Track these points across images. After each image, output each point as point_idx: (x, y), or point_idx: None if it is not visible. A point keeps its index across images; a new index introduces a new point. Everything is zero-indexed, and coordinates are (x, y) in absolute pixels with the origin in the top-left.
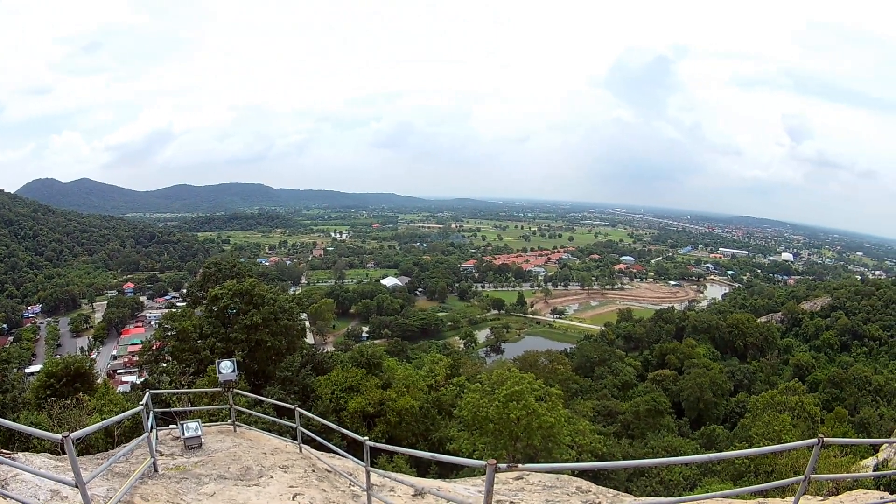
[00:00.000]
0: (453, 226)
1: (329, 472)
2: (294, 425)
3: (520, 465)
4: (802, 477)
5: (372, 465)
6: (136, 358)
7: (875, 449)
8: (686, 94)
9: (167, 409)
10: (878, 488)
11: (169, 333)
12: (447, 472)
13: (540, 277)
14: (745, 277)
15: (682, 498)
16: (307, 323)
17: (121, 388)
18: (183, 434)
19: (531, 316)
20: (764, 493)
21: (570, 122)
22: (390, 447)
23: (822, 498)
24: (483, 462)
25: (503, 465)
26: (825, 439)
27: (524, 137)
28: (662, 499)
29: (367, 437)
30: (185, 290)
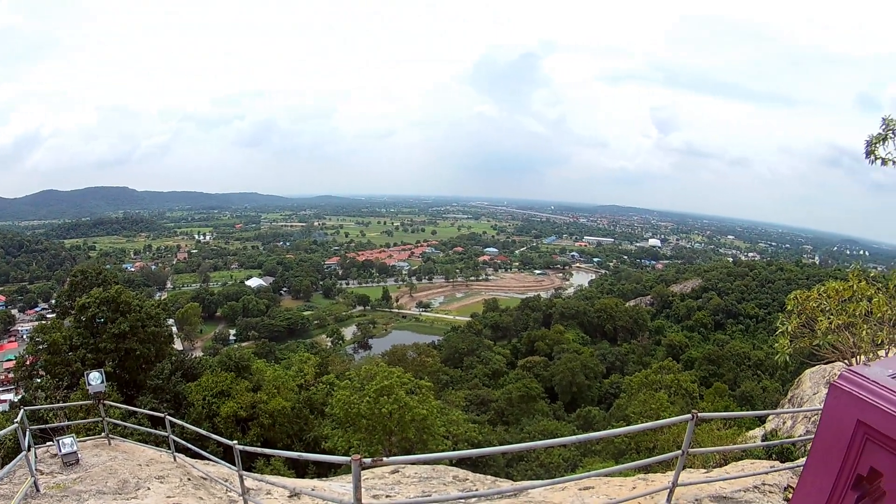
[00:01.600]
0: (316, 223)
1: (205, 479)
2: (167, 434)
3: (385, 459)
4: (680, 451)
5: (250, 469)
6: (11, 375)
7: (762, 420)
8: (552, 89)
9: (44, 426)
10: (769, 457)
11: (40, 347)
12: (325, 471)
13: (404, 272)
14: (611, 264)
15: (561, 479)
16: (174, 328)
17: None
18: (60, 451)
19: (397, 310)
20: (647, 470)
21: (434, 118)
22: (259, 449)
23: (706, 471)
24: (348, 458)
25: (367, 460)
26: (699, 414)
27: (387, 133)
28: (539, 481)
29: (236, 442)
30: (53, 301)
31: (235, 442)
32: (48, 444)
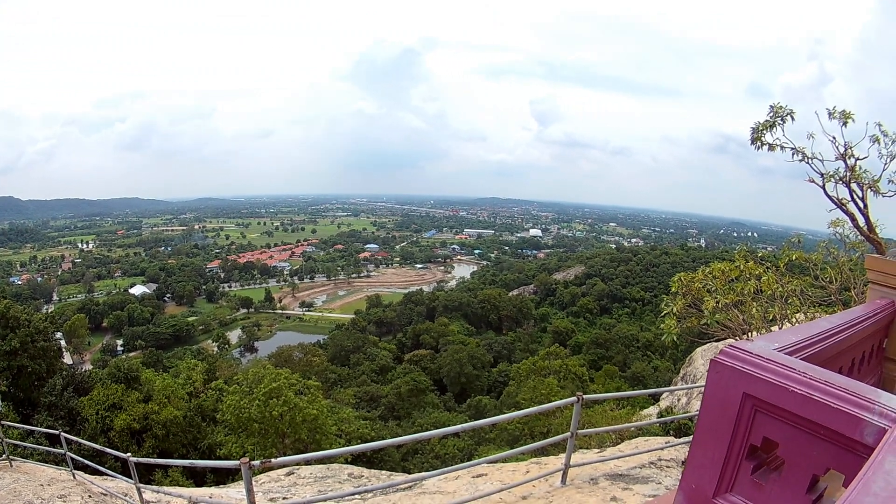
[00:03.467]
0: (196, 227)
1: (105, 495)
2: (63, 452)
3: (273, 461)
4: (569, 433)
5: (148, 482)
6: None
7: (656, 399)
8: (431, 85)
9: None
10: (666, 434)
11: None
12: (224, 478)
13: (286, 272)
14: (492, 255)
15: (453, 467)
16: (63, 342)
17: None
18: None
19: (280, 311)
20: (543, 454)
21: (313, 116)
22: (151, 460)
23: (599, 450)
24: (236, 462)
25: (256, 463)
26: (584, 396)
27: (266, 133)
28: (432, 471)
29: (130, 455)
30: None
31: (129, 455)
32: None
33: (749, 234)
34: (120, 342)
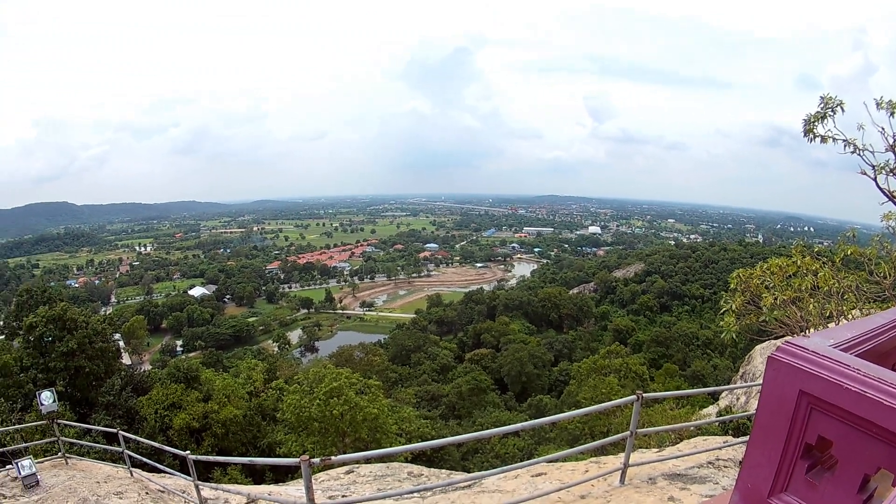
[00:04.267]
0: (255, 228)
1: (162, 492)
2: (121, 450)
3: (333, 458)
4: (629, 432)
5: (206, 480)
6: None
7: (715, 398)
8: (484, 83)
9: (3, 450)
10: (724, 434)
11: None
12: (282, 476)
13: (346, 272)
14: (552, 253)
15: (513, 465)
16: (121, 343)
17: None
18: (19, 473)
19: (341, 311)
20: (602, 454)
21: (366, 117)
22: (211, 458)
23: (658, 450)
24: (296, 460)
25: (316, 461)
26: (644, 395)
27: (320, 134)
28: (491, 470)
29: (189, 452)
30: (1, 323)
31: (188, 452)
32: (7, 467)
33: (805, 228)
34: (179, 343)
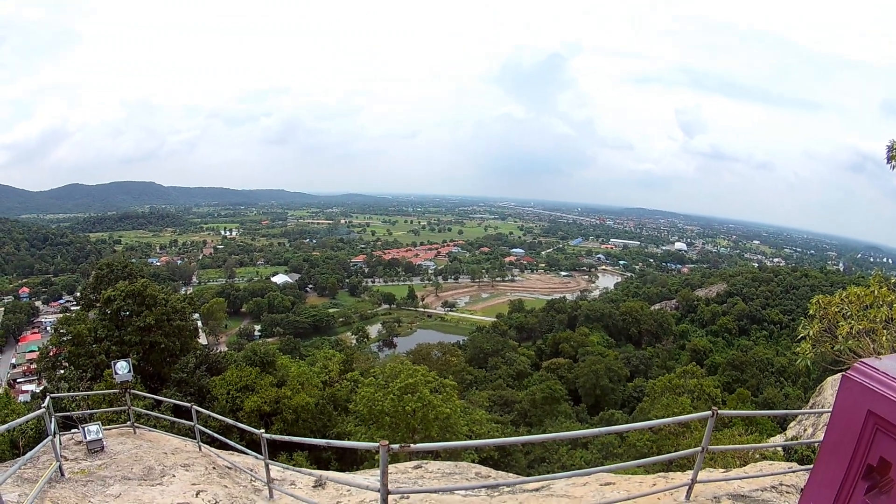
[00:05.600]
0: (342, 221)
1: (230, 468)
2: (192, 424)
3: (412, 445)
4: (700, 448)
5: (275, 461)
6: (34, 366)
7: (783, 427)
8: (578, 91)
9: (68, 414)
10: (788, 461)
11: (64, 339)
12: (347, 466)
13: (430, 271)
14: (637, 267)
15: (582, 471)
16: (199, 323)
17: (21, 397)
18: (85, 438)
19: (422, 309)
20: (669, 470)
21: (460, 118)
22: (286, 437)
23: (724, 470)
24: (376, 444)
25: (395, 446)
26: (719, 412)
27: (413, 133)
28: (561, 473)
29: (263, 431)
30: (78, 294)
31: (262, 431)
32: (73, 430)
33: (885, 259)
34: (258, 328)
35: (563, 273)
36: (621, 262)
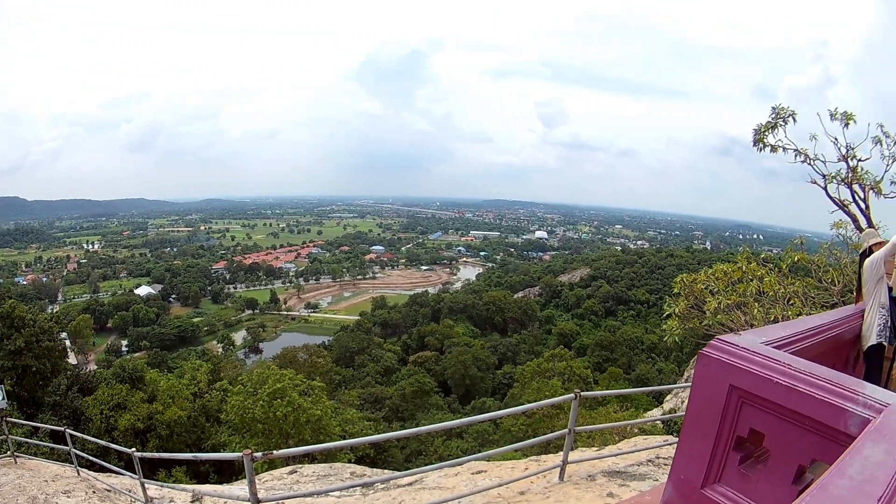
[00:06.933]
0: (202, 227)
1: (109, 491)
2: (68, 449)
3: (275, 452)
4: (567, 430)
5: (152, 479)
6: None
7: (660, 401)
8: (437, 86)
9: None
10: (669, 434)
11: None
12: (226, 478)
13: (291, 273)
14: (498, 257)
15: (452, 461)
16: (67, 342)
17: None
18: None
19: (286, 312)
20: (544, 453)
21: (319, 117)
22: (156, 455)
23: (597, 448)
24: (239, 454)
25: (258, 455)
26: (582, 393)
27: (273, 133)
28: (431, 465)
29: (134, 450)
30: None
31: (134, 450)
32: None
33: (754, 236)
34: (125, 343)
35: (424, 267)
36: (482, 254)
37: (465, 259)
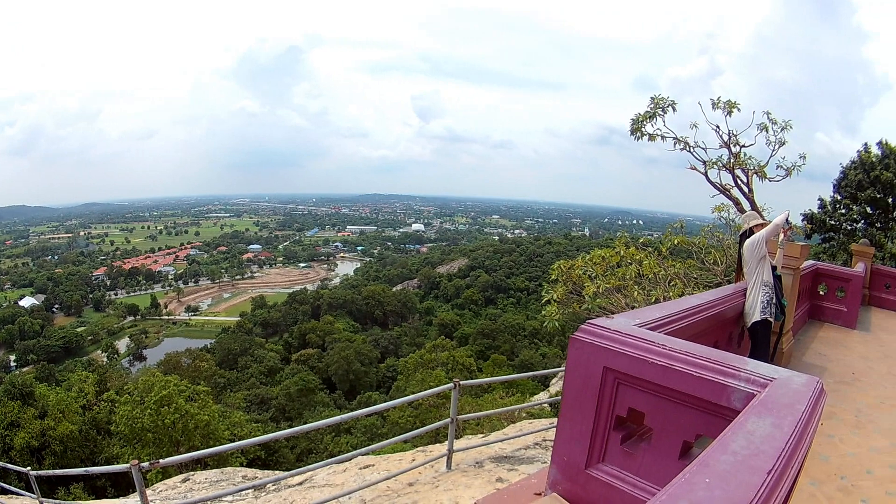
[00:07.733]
0: (82, 233)
1: None
2: None
3: (161, 461)
4: (450, 419)
5: (53, 498)
6: None
7: (546, 385)
8: (314, 82)
9: None
10: (556, 416)
11: None
12: (124, 491)
13: (170, 277)
14: (375, 251)
15: (339, 457)
16: None
17: None
18: None
19: (167, 317)
20: (431, 443)
21: (196, 116)
22: (48, 472)
23: (483, 435)
24: (126, 466)
25: (145, 464)
26: (460, 382)
27: (150, 133)
28: (318, 462)
29: (30, 468)
30: None
31: (29, 469)
32: None
33: (634, 221)
34: (13, 357)
35: (302, 264)
36: (359, 248)
37: (342, 254)
